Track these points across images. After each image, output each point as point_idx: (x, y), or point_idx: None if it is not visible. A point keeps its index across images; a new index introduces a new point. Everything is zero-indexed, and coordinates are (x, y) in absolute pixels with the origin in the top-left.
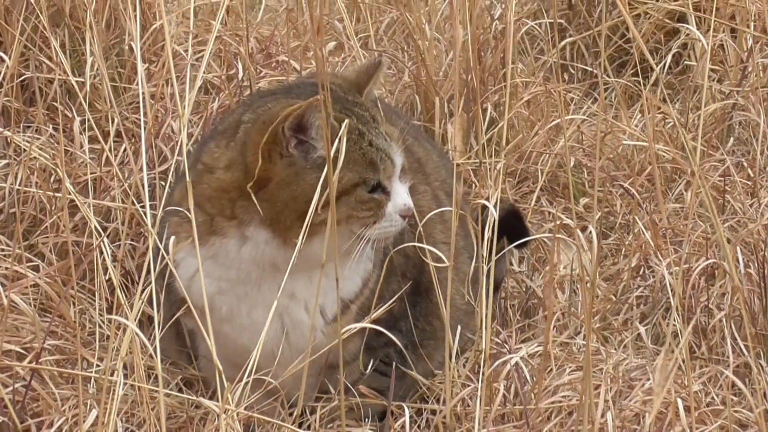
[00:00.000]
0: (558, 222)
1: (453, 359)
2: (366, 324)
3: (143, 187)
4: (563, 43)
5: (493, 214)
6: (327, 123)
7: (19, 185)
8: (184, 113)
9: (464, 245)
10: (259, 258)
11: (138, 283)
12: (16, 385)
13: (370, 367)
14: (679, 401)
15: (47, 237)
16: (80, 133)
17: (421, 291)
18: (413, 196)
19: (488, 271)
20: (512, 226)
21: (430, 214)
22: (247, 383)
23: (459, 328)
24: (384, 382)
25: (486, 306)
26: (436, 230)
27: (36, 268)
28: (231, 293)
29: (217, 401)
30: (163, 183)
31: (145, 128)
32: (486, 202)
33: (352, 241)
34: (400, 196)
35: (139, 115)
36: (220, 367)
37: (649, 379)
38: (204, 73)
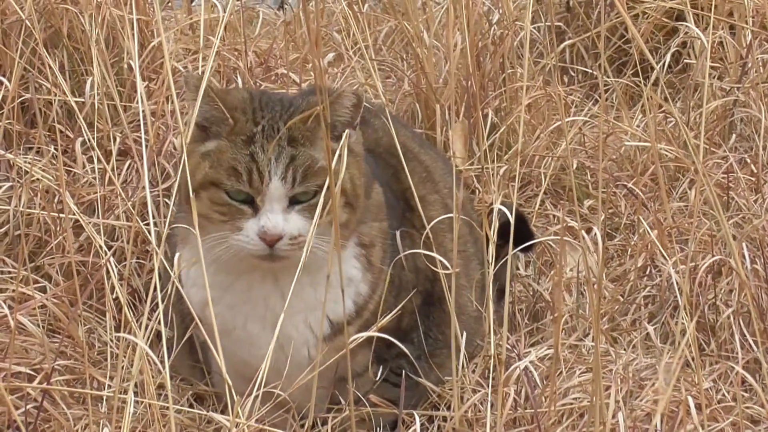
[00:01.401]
0: (564, 224)
1: (462, 365)
2: (373, 333)
3: (148, 205)
4: (562, 45)
5: (505, 217)
6: (327, 134)
7: (23, 207)
8: (185, 130)
9: (474, 251)
10: (224, 261)
11: (146, 301)
12: (28, 407)
13: (379, 376)
14: (690, 399)
15: (53, 258)
16: (82, 153)
17: (434, 301)
18: (424, 208)
19: (503, 275)
20: (517, 230)
21: (435, 220)
22: (257, 396)
23: (465, 334)
24: (396, 393)
25: (493, 310)
26: (446, 239)
27: (43, 290)
28: (222, 303)
29: (229, 416)
30: (167, 201)
31: (146, 146)
32: (502, 207)
33: (212, 245)
34: (265, 218)
35: (141, 134)
36: (229, 381)
37: (659, 378)
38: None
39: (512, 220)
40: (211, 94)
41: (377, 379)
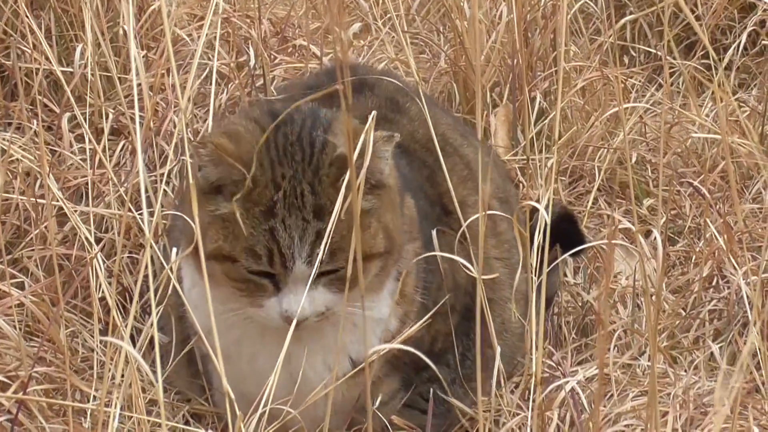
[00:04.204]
0: (617, 226)
1: (499, 384)
2: (393, 343)
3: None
4: (622, 21)
5: (545, 218)
6: (348, 117)
7: (0, 191)
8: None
9: (519, 260)
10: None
11: (137, 302)
12: (1, 419)
13: (404, 401)
14: (757, 429)
15: (33, 250)
16: (69, 131)
17: (473, 316)
18: (464, 213)
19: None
20: (565, 232)
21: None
22: (263, 414)
23: (498, 350)
24: (422, 419)
25: (537, 322)
26: (487, 245)
27: (20, 286)
28: (228, 336)
29: None
30: (166, 187)
31: (142, 124)
32: (536, 204)
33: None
34: (288, 300)
35: (135, 110)
36: (231, 395)
37: (723, 405)
38: (210, 60)
39: (548, 219)
40: (223, 157)
41: (400, 404)
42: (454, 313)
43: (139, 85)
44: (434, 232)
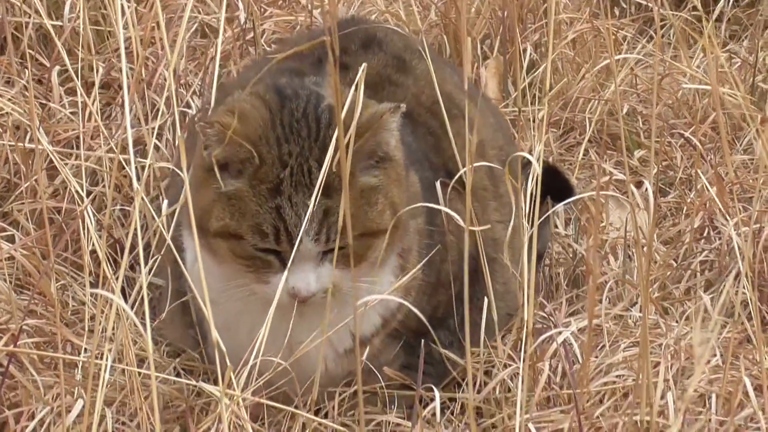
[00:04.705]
0: (608, 177)
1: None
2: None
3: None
4: None
5: (536, 169)
6: (336, 69)
7: None
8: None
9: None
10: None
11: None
12: None
13: (402, 359)
14: (747, 380)
15: (23, 203)
16: (59, 85)
17: (479, 278)
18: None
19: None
20: (553, 185)
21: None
22: (254, 365)
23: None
24: (415, 364)
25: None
26: (489, 208)
27: (11, 239)
28: (226, 307)
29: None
30: (157, 141)
31: (131, 76)
32: (528, 156)
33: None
34: (294, 277)
35: (129, 64)
36: (223, 347)
37: (715, 356)
38: (200, 13)
39: (539, 170)
40: (231, 135)
41: (398, 365)
42: (457, 281)
43: (128, 38)
44: (438, 184)
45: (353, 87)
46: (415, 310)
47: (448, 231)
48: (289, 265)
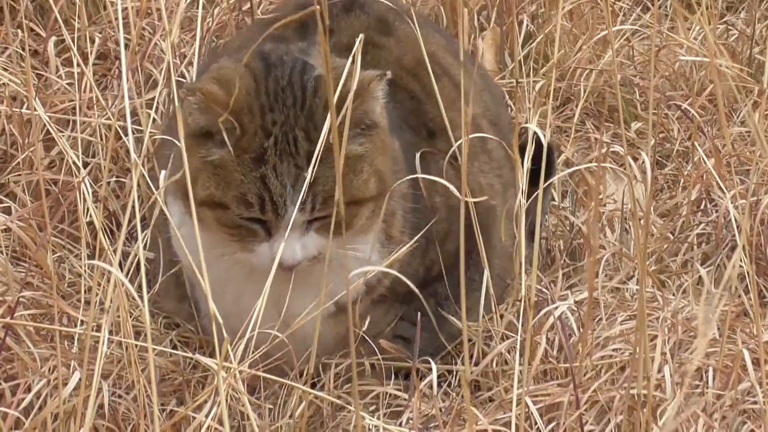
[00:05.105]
0: (605, 149)
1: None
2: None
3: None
4: None
5: (539, 140)
6: (325, 38)
7: None
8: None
9: (512, 178)
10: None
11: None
12: None
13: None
14: (746, 352)
15: (19, 175)
16: (55, 56)
17: (471, 235)
18: (453, 133)
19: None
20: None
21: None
22: (251, 338)
23: (487, 272)
24: (411, 348)
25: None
26: (479, 161)
27: (7, 211)
28: (213, 275)
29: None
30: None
31: (127, 47)
32: (535, 128)
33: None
34: (280, 246)
35: (125, 34)
36: (219, 319)
37: (712, 329)
38: None
39: (545, 142)
40: (211, 104)
41: (388, 330)
42: (450, 235)
43: (125, 9)
44: (418, 156)
45: (338, 53)
46: (404, 277)
47: (434, 191)
48: (274, 234)
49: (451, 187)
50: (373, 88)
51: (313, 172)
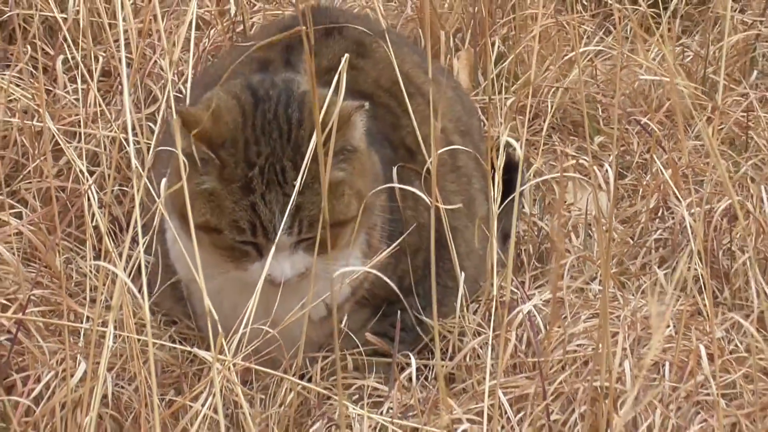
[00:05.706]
0: (571, 161)
1: (462, 307)
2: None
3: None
4: None
5: (512, 154)
6: (311, 55)
7: None
8: (173, 51)
9: (480, 187)
10: None
11: (127, 230)
12: (1, 338)
13: (376, 326)
14: (701, 348)
15: (30, 182)
16: (63, 73)
17: (444, 245)
18: (426, 149)
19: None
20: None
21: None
22: (244, 333)
23: (462, 274)
24: (391, 332)
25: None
26: (446, 181)
27: (19, 216)
28: (208, 286)
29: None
30: (151, 125)
31: (129, 65)
32: (510, 140)
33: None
34: (270, 266)
35: (128, 53)
36: (215, 314)
37: (668, 327)
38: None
39: (521, 154)
40: (190, 132)
41: (373, 327)
42: (420, 251)
43: (126, 30)
44: (395, 170)
45: (319, 75)
46: (384, 277)
47: (405, 207)
48: (265, 254)
49: (426, 198)
50: (354, 119)
51: (295, 199)
